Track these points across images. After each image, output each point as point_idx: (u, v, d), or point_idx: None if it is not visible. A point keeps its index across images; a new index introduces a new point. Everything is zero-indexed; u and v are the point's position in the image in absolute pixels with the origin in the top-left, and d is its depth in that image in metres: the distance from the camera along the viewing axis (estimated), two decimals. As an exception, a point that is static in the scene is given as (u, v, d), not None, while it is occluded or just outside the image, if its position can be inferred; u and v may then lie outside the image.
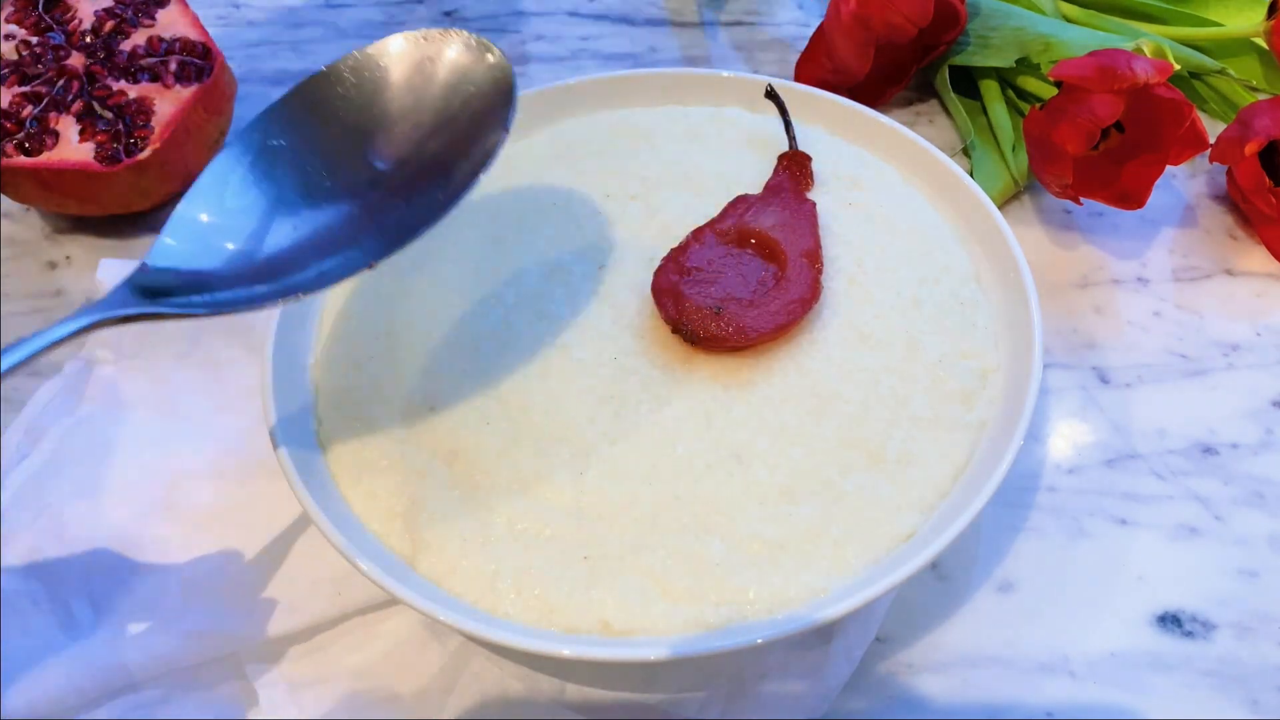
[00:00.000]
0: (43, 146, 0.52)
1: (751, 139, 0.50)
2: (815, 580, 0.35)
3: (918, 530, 0.37)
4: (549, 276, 0.44)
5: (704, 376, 0.41)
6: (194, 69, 0.56)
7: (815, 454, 0.38)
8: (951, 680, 0.40)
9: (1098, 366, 0.50)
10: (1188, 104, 0.49)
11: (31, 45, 0.55)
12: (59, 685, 0.39)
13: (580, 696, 0.40)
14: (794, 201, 0.45)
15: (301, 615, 0.41)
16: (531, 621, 0.35)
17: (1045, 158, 0.51)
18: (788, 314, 0.41)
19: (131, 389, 0.48)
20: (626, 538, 0.37)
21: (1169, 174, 0.58)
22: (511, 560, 0.36)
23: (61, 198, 0.54)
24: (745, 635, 0.34)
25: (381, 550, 0.37)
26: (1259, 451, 0.47)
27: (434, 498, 0.38)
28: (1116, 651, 0.41)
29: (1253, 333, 0.51)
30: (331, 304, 0.45)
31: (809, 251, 0.43)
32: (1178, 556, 0.43)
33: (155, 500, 0.44)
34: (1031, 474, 0.46)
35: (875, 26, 0.56)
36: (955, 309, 0.43)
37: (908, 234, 0.46)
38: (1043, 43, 0.58)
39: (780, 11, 0.71)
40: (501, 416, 0.40)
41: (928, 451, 0.39)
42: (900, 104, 0.64)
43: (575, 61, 0.68)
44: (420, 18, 0.73)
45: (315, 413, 0.41)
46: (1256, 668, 0.40)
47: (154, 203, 0.57)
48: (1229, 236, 0.56)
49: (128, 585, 0.42)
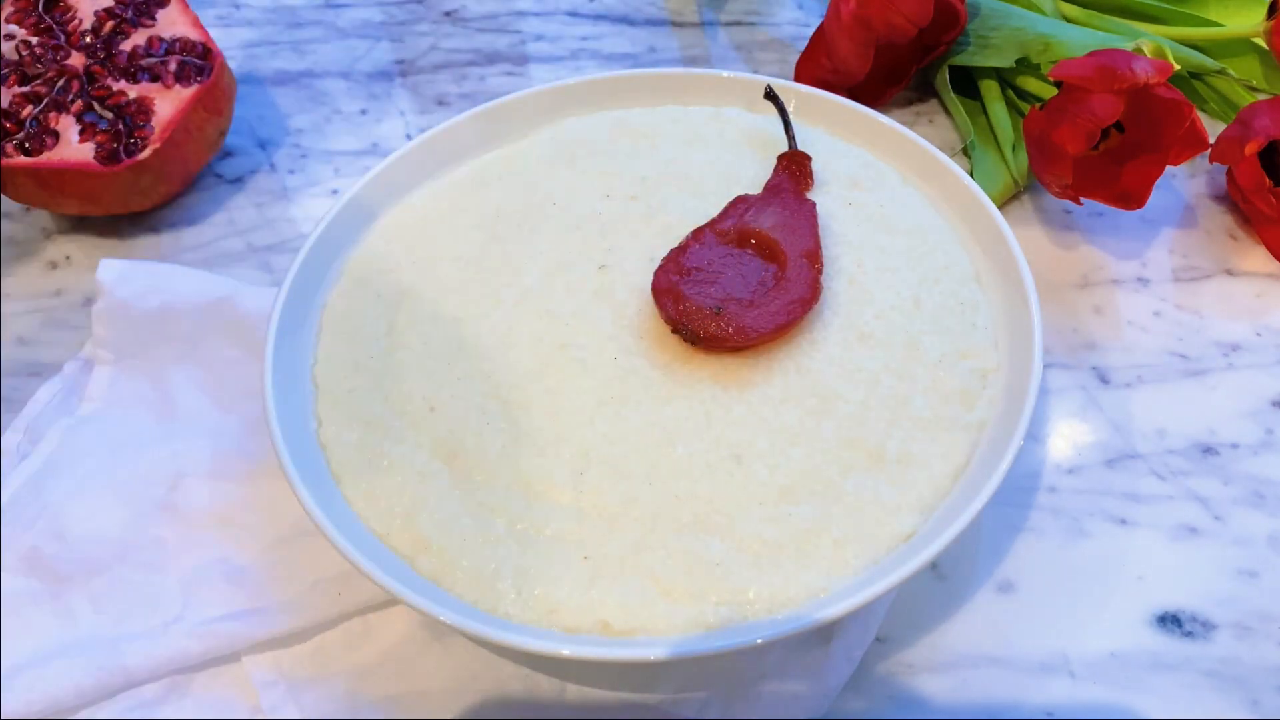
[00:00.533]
0: (43, 146, 0.52)
1: (751, 139, 0.50)
2: (815, 580, 0.35)
3: (917, 530, 0.37)
4: (549, 276, 0.44)
5: (704, 376, 0.40)
6: (194, 69, 0.56)
7: (815, 454, 0.38)
8: (951, 680, 0.40)
9: (1098, 366, 0.50)
10: (1188, 104, 0.49)
11: (31, 45, 0.55)
12: (59, 685, 0.39)
13: (580, 696, 0.40)
14: (794, 201, 0.45)
15: (301, 615, 0.41)
16: (531, 621, 0.35)
17: (1045, 158, 0.51)
18: (788, 314, 0.41)
19: (131, 389, 0.48)
20: (626, 538, 0.37)
21: (1169, 174, 0.58)
22: (511, 560, 0.36)
23: (61, 198, 0.54)
24: (745, 635, 0.34)
25: (381, 550, 0.37)
26: (1259, 451, 0.47)
27: (434, 498, 0.38)
28: (1116, 651, 0.41)
29: (1253, 333, 0.51)
30: (331, 304, 0.45)
31: (809, 251, 0.43)
32: (1178, 556, 0.43)
33: (155, 500, 0.44)
34: (1031, 474, 0.46)
35: (875, 26, 0.56)
36: (955, 309, 0.43)
37: (908, 234, 0.46)
38: (1043, 43, 0.58)
39: (780, 11, 0.71)
40: (501, 416, 0.40)
41: (928, 451, 0.39)
42: (900, 104, 0.64)
43: (575, 61, 0.68)
44: (420, 18, 0.73)
45: (315, 413, 0.41)
46: (1256, 668, 0.40)
47: (154, 203, 0.57)
48: (1229, 236, 0.56)
49: (128, 585, 0.42)
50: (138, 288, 0.49)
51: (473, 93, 0.67)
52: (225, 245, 0.58)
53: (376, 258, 0.46)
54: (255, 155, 0.63)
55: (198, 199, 0.60)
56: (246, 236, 0.58)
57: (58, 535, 0.43)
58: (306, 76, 0.68)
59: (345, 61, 0.69)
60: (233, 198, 0.60)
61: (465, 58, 0.69)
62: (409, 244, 0.47)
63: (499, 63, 0.69)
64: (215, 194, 0.60)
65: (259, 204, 0.60)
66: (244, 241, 0.58)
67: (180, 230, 0.58)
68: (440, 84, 0.67)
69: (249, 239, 0.58)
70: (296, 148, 0.63)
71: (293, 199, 0.60)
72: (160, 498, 0.44)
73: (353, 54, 0.70)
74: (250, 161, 0.62)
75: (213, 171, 0.62)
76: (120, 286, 0.49)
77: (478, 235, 0.47)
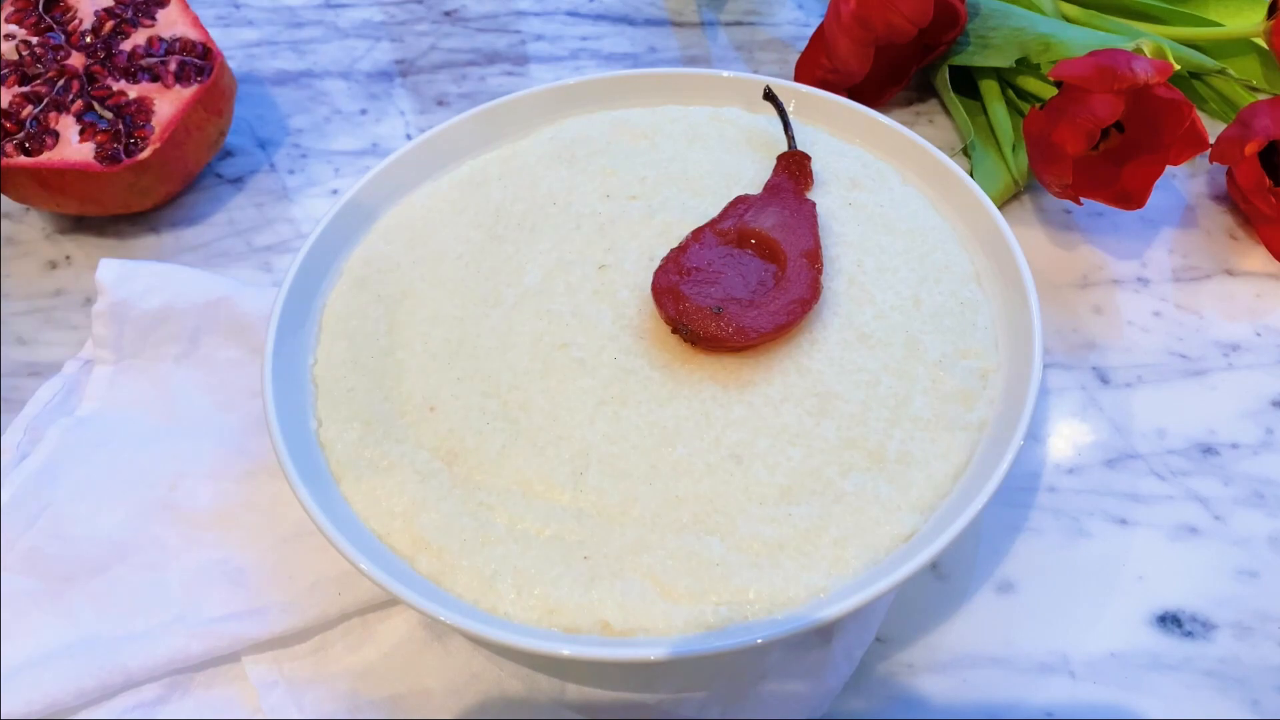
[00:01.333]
0: (43, 146, 0.52)
1: (751, 139, 0.50)
2: (815, 580, 0.35)
3: (918, 530, 0.37)
4: (549, 276, 0.44)
5: (704, 376, 0.40)
6: (194, 69, 0.56)
7: (815, 454, 0.38)
8: (951, 680, 0.40)
9: (1098, 366, 0.50)
10: (1188, 104, 0.49)
11: (31, 45, 0.55)
12: (59, 685, 0.39)
13: (580, 696, 0.40)
14: (794, 201, 0.45)
15: (301, 615, 0.41)
16: (531, 621, 0.35)
17: (1045, 158, 0.51)
18: (788, 314, 0.41)
19: (131, 389, 0.48)
20: (626, 538, 0.37)
21: (1169, 174, 0.58)
22: (511, 560, 0.36)
23: (61, 198, 0.54)
24: (745, 635, 0.34)
25: (381, 550, 0.37)
26: (1259, 451, 0.47)
27: (434, 498, 0.38)
28: (1116, 651, 0.41)
29: (1253, 333, 0.51)
30: (331, 304, 0.45)
31: (809, 251, 0.43)
32: (1178, 556, 0.43)
33: (155, 500, 0.44)
34: (1031, 474, 0.46)
35: (875, 27, 0.56)
36: (955, 309, 0.43)
37: (908, 234, 0.46)
38: (1043, 43, 0.58)
39: (780, 11, 0.71)
40: (501, 416, 0.40)
41: (928, 451, 0.39)
42: (900, 104, 0.64)
43: (575, 61, 0.68)
44: (420, 18, 0.73)
45: (315, 413, 0.41)
46: (1256, 668, 0.40)
47: (154, 203, 0.57)
48: (1229, 236, 0.56)
49: (128, 585, 0.42)
50: (138, 288, 0.49)
51: (473, 93, 0.67)
52: (225, 245, 0.58)
53: (376, 258, 0.46)
54: (255, 155, 0.63)
55: (198, 199, 0.60)
56: (246, 236, 0.58)
57: (58, 535, 0.43)
58: (306, 76, 0.68)
59: (345, 61, 0.69)
60: (233, 198, 0.60)
61: (465, 58, 0.69)
62: (409, 244, 0.47)
63: (499, 63, 0.69)
64: (215, 194, 0.60)
65: (259, 204, 0.60)
66: (244, 241, 0.58)
67: (180, 230, 0.58)
68: (440, 84, 0.67)
69: (249, 239, 0.58)
70: (296, 148, 0.63)
71: (293, 199, 0.60)
72: (160, 498, 0.44)
73: (353, 54, 0.70)
74: (250, 161, 0.62)
75: (213, 171, 0.62)
76: (120, 286, 0.49)
77: (477, 235, 0.47)
